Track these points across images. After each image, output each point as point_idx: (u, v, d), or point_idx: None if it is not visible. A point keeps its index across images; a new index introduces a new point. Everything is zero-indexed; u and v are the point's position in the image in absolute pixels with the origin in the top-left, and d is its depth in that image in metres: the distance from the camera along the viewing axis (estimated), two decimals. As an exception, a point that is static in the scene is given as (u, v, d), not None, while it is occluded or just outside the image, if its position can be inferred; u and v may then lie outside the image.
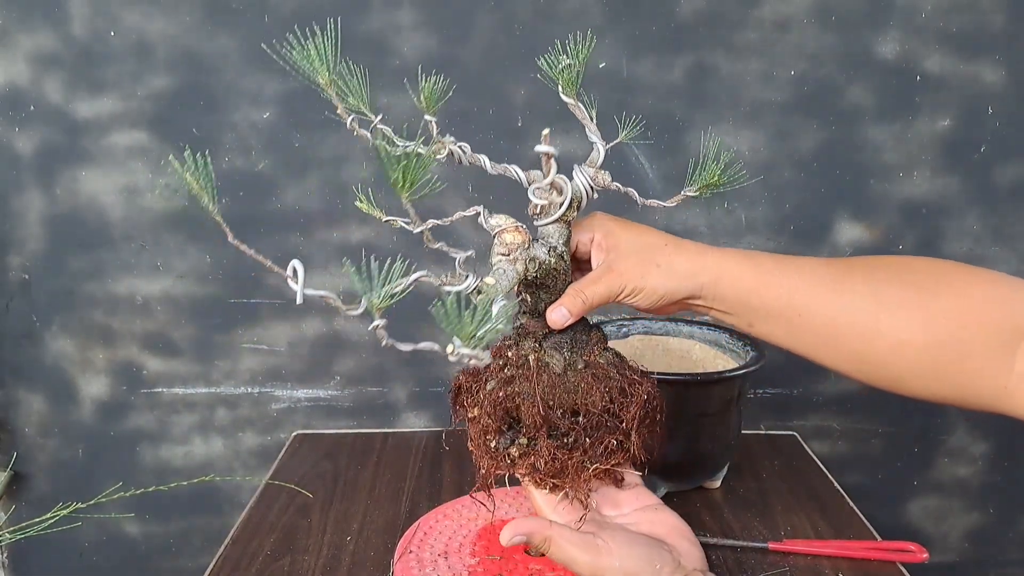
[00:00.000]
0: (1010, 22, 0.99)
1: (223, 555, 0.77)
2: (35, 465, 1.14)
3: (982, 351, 0.53)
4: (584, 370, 0.57)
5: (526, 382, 0.56)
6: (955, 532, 1.18)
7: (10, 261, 1.07)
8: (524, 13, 0.99)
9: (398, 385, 1.12)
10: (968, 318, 0.53)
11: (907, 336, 0.54)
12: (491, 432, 0.57)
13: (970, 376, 0.53)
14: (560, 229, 0.59)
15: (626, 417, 0.56)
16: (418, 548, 0.74)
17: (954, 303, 0.54)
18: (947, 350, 0.53)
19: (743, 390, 0.85)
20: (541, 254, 0.58)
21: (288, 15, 0.99)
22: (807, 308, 0.57)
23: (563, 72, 0.54)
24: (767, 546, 0.76)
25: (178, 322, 1.09)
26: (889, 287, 0.56)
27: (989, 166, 1.04)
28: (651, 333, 0.94)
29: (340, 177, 1.04)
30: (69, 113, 1.02)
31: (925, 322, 0.54)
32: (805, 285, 0.57)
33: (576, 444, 0.56)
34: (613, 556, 0.53)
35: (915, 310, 0.54)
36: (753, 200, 1.05)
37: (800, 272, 0.58)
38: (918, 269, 0.58)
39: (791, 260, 0.59)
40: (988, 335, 0.53)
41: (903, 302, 0.55)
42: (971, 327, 0.53)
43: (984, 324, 0.53)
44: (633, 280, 0.58)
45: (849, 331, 0.56)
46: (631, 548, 0.54)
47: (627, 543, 0.55)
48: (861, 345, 0.56)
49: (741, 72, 1.01)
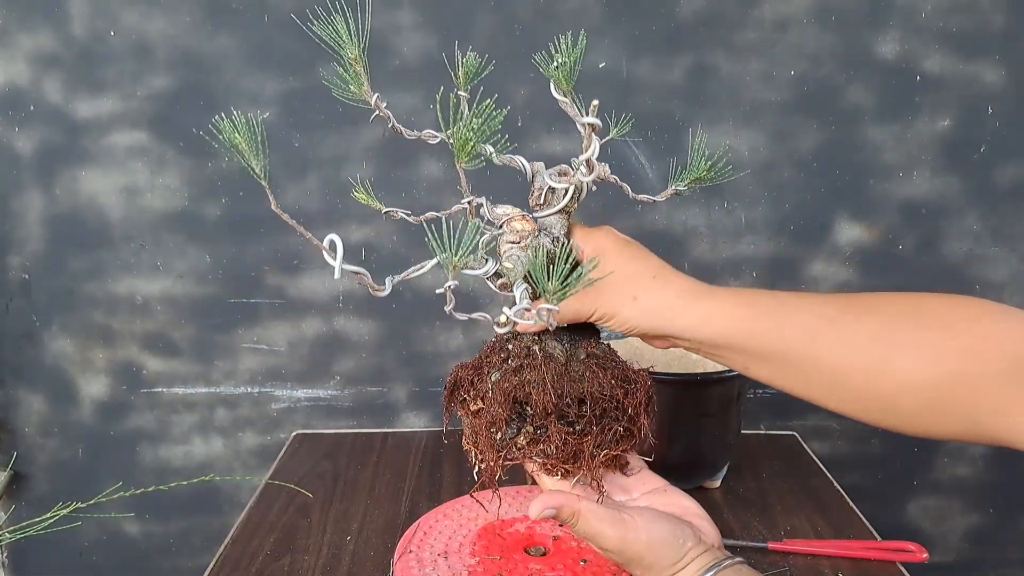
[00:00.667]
0: (1010, 22, 0.99)
1: (223, 555, 0.77)
2: (35, 465, 1.14)
3: (993, 386, 0.51)
4: (586, 360, 0.58)
5: (534, 371, 0.56)
6: (955, 532, 1.18)
7: (10, 261, 1.07)
8: (524, 13, 0.99)
9: (398, 385, 1.12)
10: (979, 353, 0.52)
11: (915, 374, 0.53)
12: (499, 423, 0.56)
13: (981, 411, 0.52)
14: (561, 220, 0.59)
15: (632, 403, 0.57)
16: (418, 548, 0.74)
17: (965, 339, 0.53)
18: (957, 386, 0.52)
19: (743, 390, 0.85)
20: (547, 243, 0.58)
21: (288, 15, 0.99)
22: (809, 350, 0.55)
23: (557, 71, 0.55)
24: (767, 546, 0.76)
25: (178, 322, 1.09)
26: (902, 327, 0.54)
27: (989, 166, 1.04)
28: (651, 333, 0.94)
29: (340, 177, 1.04)
30: (69, 113, 1.02)
31: (935, 358, 0.53)
32: (807, 326, 0.55)
33: (585, 431, 0.56)
34: (640, 531, 0.54)
35: (926, 347, 0.53)
36: (753, 200, 1.05)
37: (800, 311, 0.56)
38: (931, 306, 0.56)
39: (790, 298, 0.57)
40: (998, 370, 0.51)
41: (915, 341, 0.54)
42: (982, 362, 0.52)
43: (993, 358, 0.52)
44: (604, 306, 0.57)
45: (854, 371, 0.55)
46: (656, 523, 0.55)
47: (652, 519, 0.55)
48: (867, 385, 0.54)
49: (741, 72, 1.01)
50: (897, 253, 1.07)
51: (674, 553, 0.54)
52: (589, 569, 0.69)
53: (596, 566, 0.69)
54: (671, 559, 0.54)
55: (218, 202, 1.04)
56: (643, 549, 0.53)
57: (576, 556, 0.70)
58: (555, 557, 0.71)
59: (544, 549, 0.72)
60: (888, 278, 1.08)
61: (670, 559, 0.54)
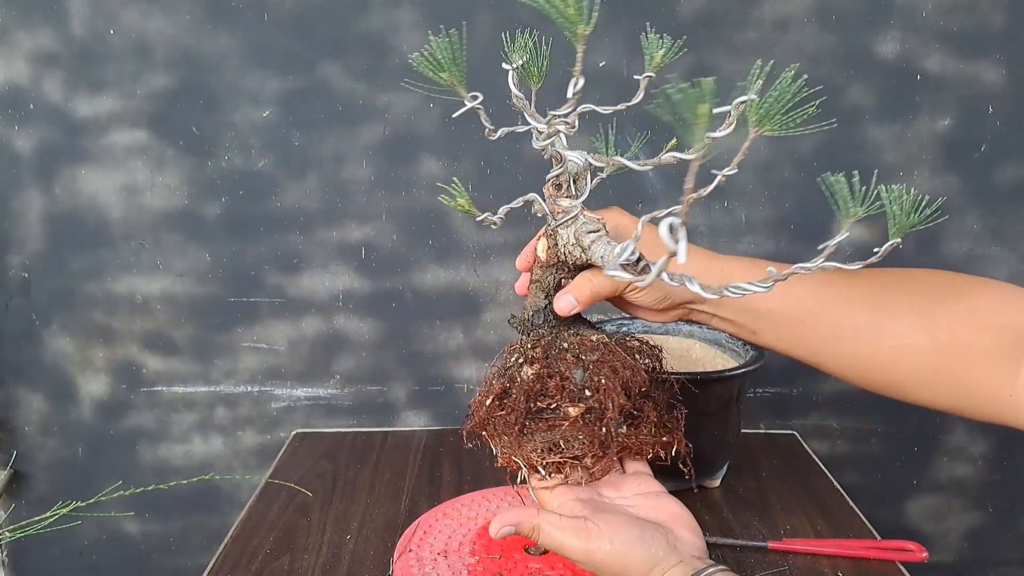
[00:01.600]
0: (1010, 22, 0.99)
1: (223, 554, 0.77)
2: (35, 464, 1.15)
3: (986, 358, 0.52)
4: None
5: (616, 361, 0.57)
6: (954, 532, 1.19)
7: (10, 260, 1.07)
8: (524, 13, 0.99)
9: (398, 384, 1.12)
10: (972, 324, 0.53)
11: (909, 340, 0.54)
12: (613, 415, 0.56)
13: (973, 383, 0.53)
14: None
15: (660, 396, 0.59)
16: (418, 547, 0.74)
17: (958, 309, 0.54)
18: (950, 355, 0.53)
19: (743, 389, 0.85)
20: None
21: (288, 14, 0.99)
22: (814, 313, 0.57)
23: (519, 70, 0.55)
24: (767, 545, 0.76)
25: (178, 321, 1.09)
26: (894, 293, 0.56)
27: (989, 166, 1.04)
28: (651, 332, 0.94)
29: (340, 176, 1.04)
30: (69, 112, 1.02)
31: (928, 327, 0.54)
32: (812, 291, 0.57)
33: (643, 419, 0.58)
34: (604, 538, 0.53)
35: (918, 315, 0.54)
36: (753, 200, 1.05)
37: (806, 279, 0.57)
38: (923, 278, 0.58)
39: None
40: (992, 342, 0.52)
41: (907, 307, 0.55)
42: (975, 333, 0.52)
43: (988, 330, 0.52)
44: None
45: (853, 335, 0.56)
46: (623, 529, 0.54)
47: (619, 525, 0.55)
48: (864, 349, 0.56)
49: (741, 72, 1.01)
50: (897, 253, 1.07)
51: (644, 562, 0.53)
52: (589, 568, 0.69)
53: (596, 565, 0.69)
54: (641, 568, 0.53)
55: (218, 201, 1.04)
56: (608, 557, 0.53)
57: (576, 555, 0.70)
58: (555, 556, 0.71)
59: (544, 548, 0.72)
60: (888, 278, 1.08)
61: (640, 568, 0.53)
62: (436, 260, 1.07)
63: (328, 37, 1.00)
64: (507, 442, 0.57)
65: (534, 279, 0.60)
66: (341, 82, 1.01)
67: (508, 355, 0.60)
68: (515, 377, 0.57)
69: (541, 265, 0.60)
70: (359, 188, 1.05)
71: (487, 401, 0.58)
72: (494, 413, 0.58)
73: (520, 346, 0.59)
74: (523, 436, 0.56)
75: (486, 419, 0.58)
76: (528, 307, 0.61)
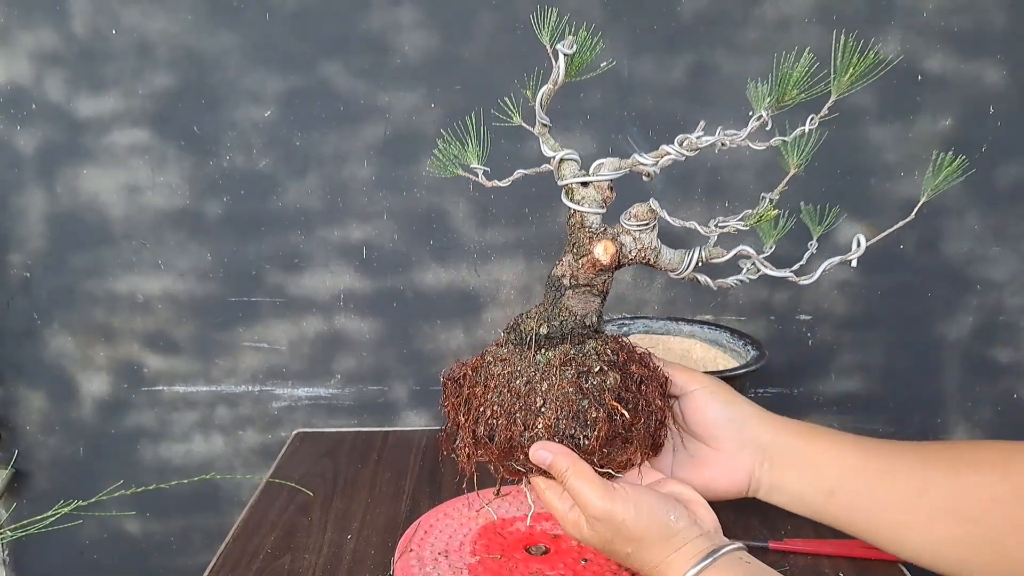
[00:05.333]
0: (1011, 22, 0.99)
1: (223, 553, 0.77)
2: (36, 463, 1.15)
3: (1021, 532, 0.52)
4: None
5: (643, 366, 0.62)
6: (955, 532, 1.18)
7: (11, 259, 1.07)
8: (525, 12, 0.99)
9: (398, 384, 1.12)
10: (1005, 499, 0.53)
11: (947, 503, 0.55)
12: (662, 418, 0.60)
13: (1015, 558, 0.53)
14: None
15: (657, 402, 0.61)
16: (418, 546, 0.74)
17: (994, 482, 0.54)
18: (987, 527, 0.54)
19: (744, 390, 0.84)
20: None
21: (289, 13, 0.99)
22: (853, 482, 0.60)
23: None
24: (767, 545, 0.76)
25: (179, 320, 1.09)
26: (928, 462, 0.57)
27: (990, 166, 1.04)
28: (652, 332, 0.94)
29: (341, 176, 1.04)
30: (70, 111, 1.02)
31: (962, 497, 0.55)
32: (854, 458, 0.60)
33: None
34: (628, 501, 0.53)
35: (954, 486, 0.55)
36: (754, 199, 1.05)
37: (844, 443, 0.61)
38: (951, 448, 0.60)
39: (835, 432, 0.63)
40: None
41: (943, 477, 0.56)
42: (1009, 507, 0.53)
43: (1020, 503, 0.52)
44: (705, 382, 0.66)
45: (891, 503, 0.58)
46: (646, 496, 0.54)
47: (644, 492, 0.55)
48: (901, 516, 0.57)
49: (742, 71, 1.01)
50: (898, 253, 1.07)
51: (663, 528, 0.53)
52: (590, 568, 0.69)
53: (597, 565, 0.69)
54: (660, 534, 0.53)
55: (219, 200, 1.04)
56: (629, 520, 0.53)
57: (577, 555, 0.71)
58: (556, 556, 0.71)
59: (545, 548, 0.72)
60: (889, 278, 1.08)
61: (659, 533, 0.53)
62: (437, 260, 1.07)
63: (329, 36, 1.00)
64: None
65: (583, 282, 0.61)
66: (342, 81, 1.01)
67: (581, 363, 0.59)
68: (603, 384, 0.58)
69: (601, 269, 0.60)
70: (360, 187, 1.05)
71: (598, 415, 0.57)
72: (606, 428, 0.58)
73: (595, 351, 0.60)
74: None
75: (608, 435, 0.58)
76: (576, 312, 0.61)
